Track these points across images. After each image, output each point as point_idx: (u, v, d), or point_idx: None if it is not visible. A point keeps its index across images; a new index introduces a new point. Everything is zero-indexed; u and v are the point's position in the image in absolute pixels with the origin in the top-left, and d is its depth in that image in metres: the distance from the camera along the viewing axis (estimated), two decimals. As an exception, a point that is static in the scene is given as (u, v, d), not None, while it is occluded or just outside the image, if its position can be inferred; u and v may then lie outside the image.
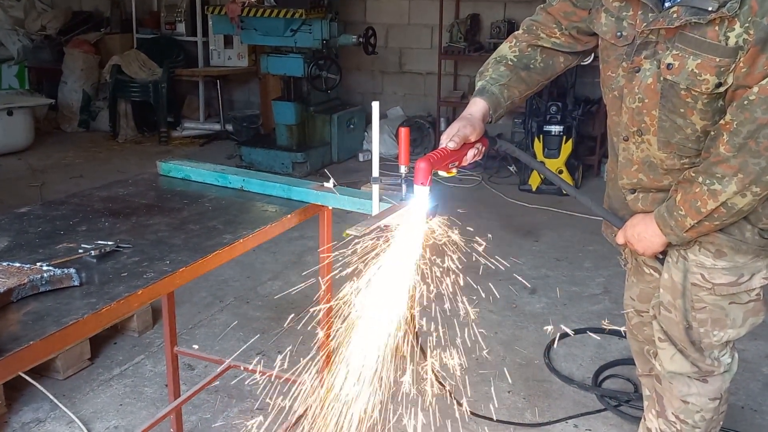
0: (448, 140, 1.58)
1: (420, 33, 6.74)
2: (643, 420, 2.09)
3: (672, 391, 1.89)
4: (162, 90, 6.92)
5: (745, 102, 1.48)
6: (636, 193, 1.79)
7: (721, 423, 1.96)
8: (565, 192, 5.20)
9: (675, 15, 1.50)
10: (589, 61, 5.29)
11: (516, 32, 1.88)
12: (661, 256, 1.82)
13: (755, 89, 1.47)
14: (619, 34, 1.66)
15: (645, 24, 1.58)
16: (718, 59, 1.49)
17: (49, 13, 7.87)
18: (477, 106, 1.72)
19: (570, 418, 2.67)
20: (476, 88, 1.79)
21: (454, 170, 1.61)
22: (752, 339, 3.09)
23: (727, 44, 1.47)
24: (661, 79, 1.58)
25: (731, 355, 1.87)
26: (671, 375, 1.87)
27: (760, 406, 2.75)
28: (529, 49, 1.83)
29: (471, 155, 1.64)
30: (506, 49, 1.85)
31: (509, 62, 1.82)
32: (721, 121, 1.54)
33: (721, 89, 1.53)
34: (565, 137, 5.36)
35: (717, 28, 1.47)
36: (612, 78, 1.73)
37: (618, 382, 2.91)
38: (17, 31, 7.65)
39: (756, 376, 2.94)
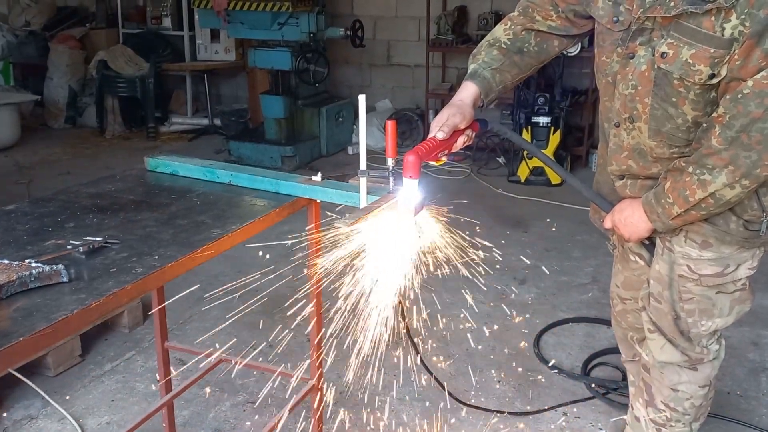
0: (437, 130, 1.57)
1: (407, 25, 6.73)
2: (630, 409, 2.11)
3: (662, 380, 1.90)
4: (149, 85, 6.88)
5: (739, 95, 1.47)
6: (624, 180, 1.80)
7: (709, 408, 1.99)
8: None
9: (672, 3, 1.48)
10: (576, 52, 5.32)
11: (511, 14, 1.86)
12: (646, 242, 1.84)
13: (749, 83, 1.45)
14: (615, 19, 1.64)
15: (642, 10, 1.56)
16: (712, 50, 1.47)
17: (33, 8, 7.79)
18: (468, 91, 1.71)
19: (559, 406, 2.70)
20: (468, 71, 1.77)
21: (444, 158, 1.60)
22: (738, 326, 3.12)
23: (722, 35, 1.44)
24: (655, 67, 1.57)
25: (719, 342, 1.89)
26: (662, 365, 1.88)
27: (746, 391, 2.79)
28: (524, 32, 1.81)
29: (461, 142, 1.64)
30: (500, 31, 1.83)
31: (502, 46, 1.80)
32: (714, 114, 1.53)
33: (715, 81, 1.51)
34: (552, 128, 5.38)
35: (713, 18, 1.44)
36: (606, 63, 1.72)
37: (606, 370, 2.94)
38: (1, 27, 7.57)
39: (742, 362, 2.98)
